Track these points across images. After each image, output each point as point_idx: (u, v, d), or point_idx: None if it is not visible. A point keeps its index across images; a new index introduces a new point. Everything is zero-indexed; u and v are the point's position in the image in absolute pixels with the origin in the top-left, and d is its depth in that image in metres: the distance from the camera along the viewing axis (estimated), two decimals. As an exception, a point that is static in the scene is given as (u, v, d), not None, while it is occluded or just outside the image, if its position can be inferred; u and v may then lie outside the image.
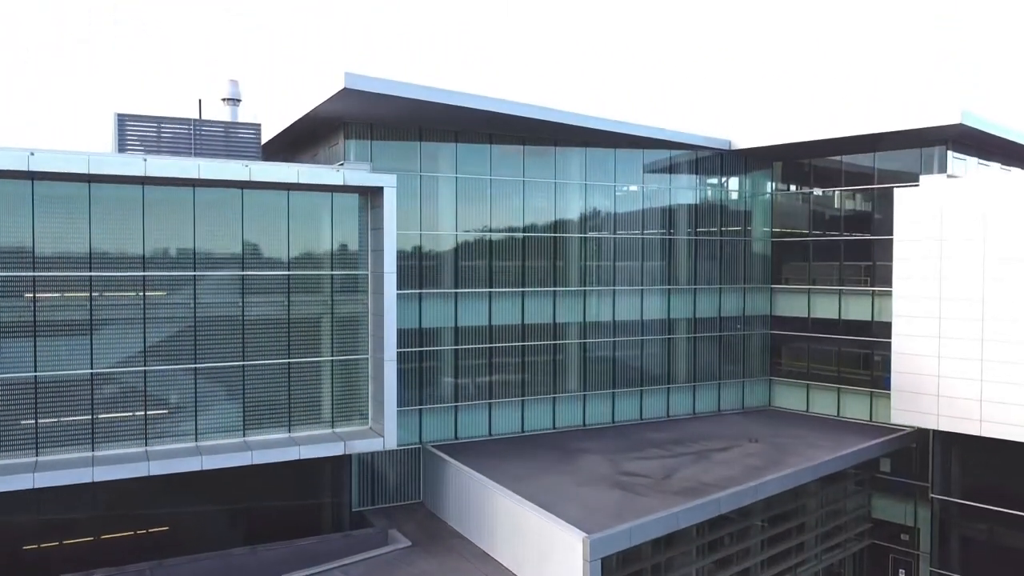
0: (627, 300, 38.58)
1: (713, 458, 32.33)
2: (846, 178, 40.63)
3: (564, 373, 37.01)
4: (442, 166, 33.67)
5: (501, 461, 31.17)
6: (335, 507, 30.02)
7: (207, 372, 26.40)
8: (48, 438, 24.26)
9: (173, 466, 25.00)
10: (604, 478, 29.34)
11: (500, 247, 35.06)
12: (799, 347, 42.30)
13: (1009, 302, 30.94)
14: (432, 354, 33.70)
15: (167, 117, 29.97)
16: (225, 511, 28.49)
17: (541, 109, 32.14)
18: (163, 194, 25.38)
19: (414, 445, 33.12)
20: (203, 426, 26.50)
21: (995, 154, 39.68)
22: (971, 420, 32.09)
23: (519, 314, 35.45)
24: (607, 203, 38.03)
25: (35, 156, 23.01)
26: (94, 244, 24.42)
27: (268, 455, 26.43)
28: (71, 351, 24.42)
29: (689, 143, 39.43)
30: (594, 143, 36.90)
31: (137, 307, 25.32)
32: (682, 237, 40.35)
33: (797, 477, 30.52)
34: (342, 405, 28.79)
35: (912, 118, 34.09)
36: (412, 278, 32.80)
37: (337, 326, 28.58)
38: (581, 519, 24.18)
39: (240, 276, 26.69)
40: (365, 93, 27.04)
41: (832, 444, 34.73)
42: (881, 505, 38.10)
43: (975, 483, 33.74)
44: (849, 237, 40.19)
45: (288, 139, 35.59)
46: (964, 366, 32.18)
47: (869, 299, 38.98)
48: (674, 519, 25.15)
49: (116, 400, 25.24)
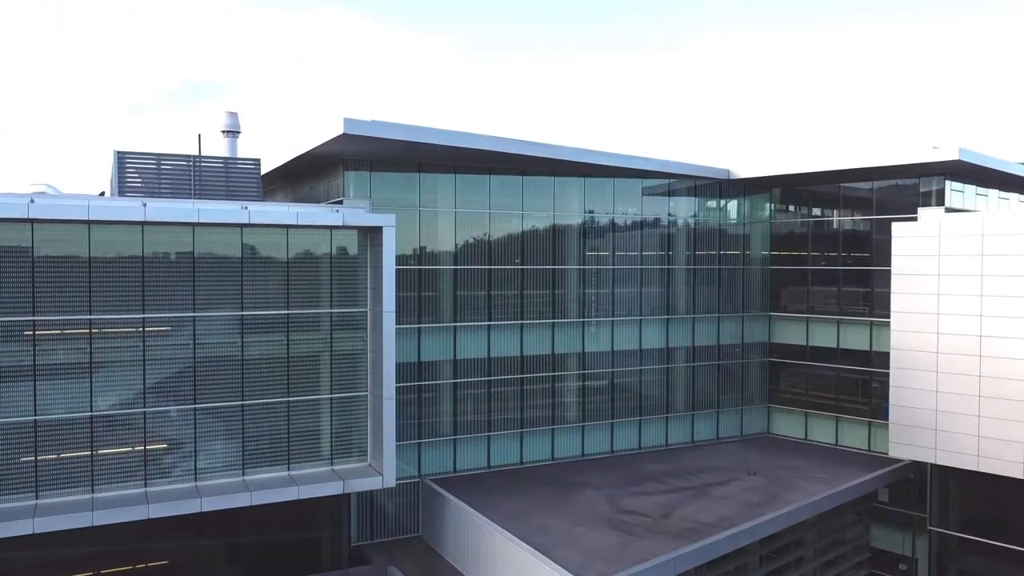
0: (626, 330, 38.65)
1: (712, 493, 32.36)
2: (844, 203, 40.72)
3: (563, 404, 37.07)
4: (441, 199, 33.75)
5: (500, 497, 31.20)
6: (334, 541, 30.07)
7: (206, 412, 26.47)
8: (48, 480, 24.32)
9: (172, 508, 25.06)
10: (602, 517, 29.37)
11: (499, 279, 35.12)
12: (798, 375, 42.35)
13: (1006, 338, 31.00)
14: (431, 387, 33.76)
15: (167, 154, 29.99)
16: (223, 545, 28.51)
17: (539, 146, 32.24)
18: (163, 235, 25.45)
19: (413, 478, 33.17)
20: (202, 465, 26.57)
21: (992, 183, 39.75)
22: (968, 455, 32.16)
23: (518, 346, 35.51)
24: (606, 233, 38.10)
25: (35, 203, 23.12)
26: (94, 286, 24.48)
27: (267, 496, 26.47)
28: (71, 393, 24.49)
29: (688, 174, 39.50)
30: (593, 173, 36.97)
31: (136, 348, 25.39)
32: (681, 266, 40.42)
33: (795, 515, 30.58)
34: (341, 442, 28.84)
35: (910, 153, 34.17)
36: (411, 311, 32.86)
37: (336, 363, 28.63)
38: (578, 565, 24.23)
39: (239, 316, 26.75)
40: (364, 136, 27.11)
41: (830, 476, 34.78)
42: (879, 534, 38.14)
43: (972, 516, 33.80)
44: (847, 267, 40.22)
45: (288, 172, 35.69)
46: (962, 401, 32.25)
47: (867, 328, 39.03)
48: (672, 565, 25.20)
49: (115, 441, 25.28)
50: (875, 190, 39.13)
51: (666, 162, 38.10)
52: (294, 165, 33.85)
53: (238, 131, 38.49)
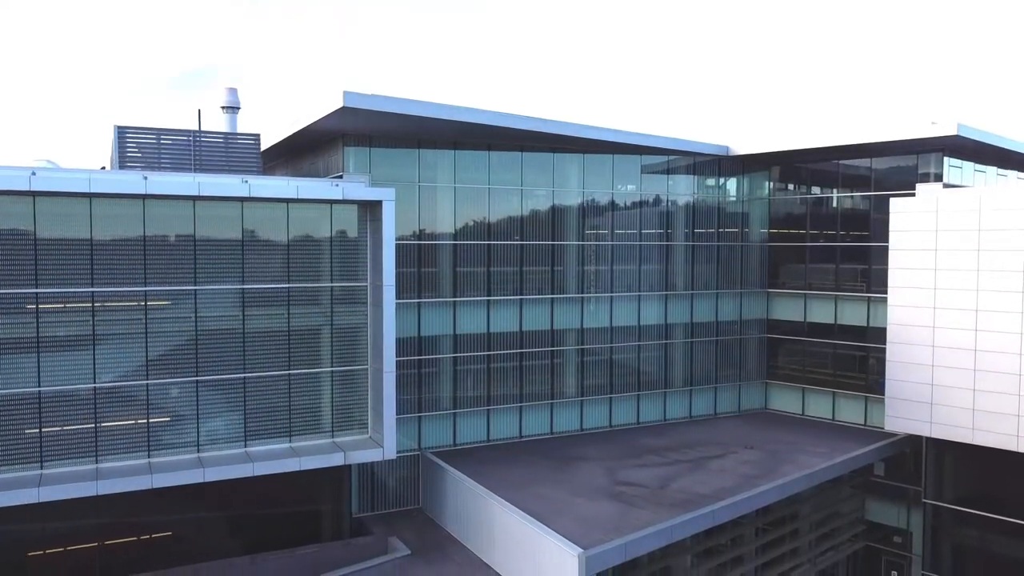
0: (625, 306, 38.88)
1: (709, 466, 32.72)
2: (843, 180, 40.81)
3: (562, 379, 37.36)
4: (441, 174, 33.85)
5: (499, 469, 31.56)
6: (335, 514, 30.42)
7: (208, 384, 26.74)
8: (52, 451, 24.63)
9: (176, 479, 25.38)
10: (600, 488, 29.73)
11: (498, 255, 35.29)
12: (795, 351, 42.64)
13: (1002, 313, 31.23)
14: (431, 362, 34.03)
15: (167, 129, 30.08)
16: (227, 517, 28.85)
17: (540, 121, 32.30)
18: (163, 209, 25.60)
19: (413, 451, 33.53)
20: (205, 437, 26.87)
21: (991, 160, 39.82)
22: (964, 428, 32.49)
23: (517, 321, 35.75)
24: (605, 209, 38.25)
25: (36, 176, 23.25)
26: (96, 260, 24.66)
27: (269, 466, 26.81)
28: (74, 366, 24.74)
29: (687, 150, 39.57)
30: (592, 149, 37.05)
31: (139, 321, 25.61)
32: (679, 242, 40.58)
33: (791, 487, 30.95)
34: (342, 415, 29.15)
35: (909, 128, 34.23)
36: (411, 286, 33.08)
37: (337, 337, 28.88)
38: (577, 533, 24.58)
39: (240, 290, 26.96)
40: (363, 110, 27.18)
41: (827, 450, 35.13)
42: (875, 508, 38.56)
43: (967, 489, 34.18)
44: (845, 244, 40.39)
45: (288, 147, 35.75)
46: (957, 375, 32.54)
47: (865, 304, 39.25)
48: (668, 533, 25.58)
49: (119, 413, 25.57)
50: (873, 167, 39.21)
51: (665, 138, 38.13)
52: (294, 141, 33.92)
53: (238, 107, 38.47)
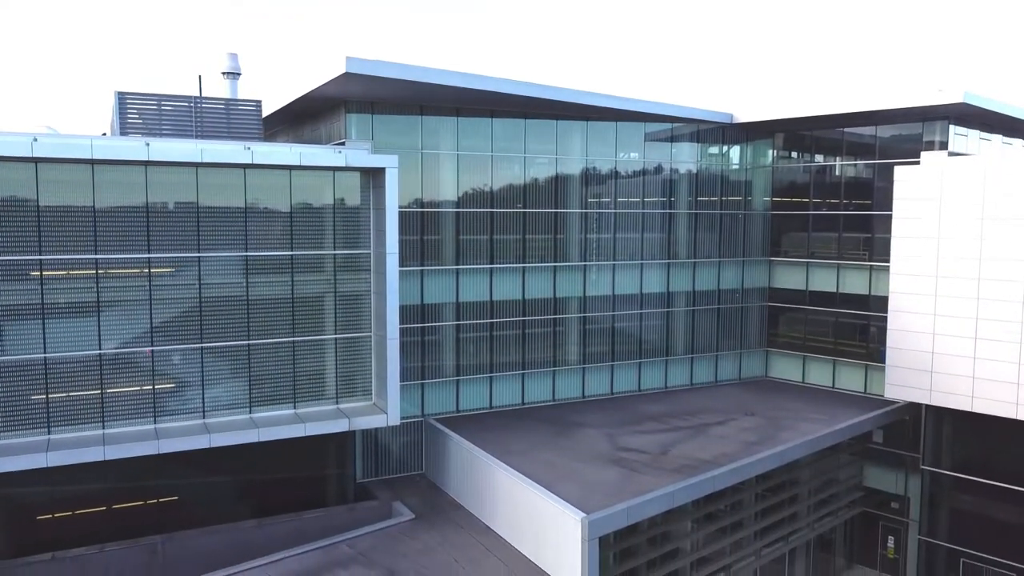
0: (627, 274, 38.94)
1: (709, 433, 33.02)
2: (847, 148, 40.60)
3: (564, 346, 37.54)
4: (443, 141, 33.69)
5: (501, 435, 31.86)
6: (340, 479, 30.78)
7: (213, 351, 26.88)
8: (59, 417, 24.86)
9: (182, 444, 25.63)
10: (602, 454, 30.04)
11: (501, 222, 35.26)
12: (796, 319, 42.78)
13: (1004, 282, 31.29)
14: (434, 329, 34.17)
15: (168, 95, 29.83)
16: (233, 482, 29.17)
17: (543, 87, 32.04)
18: (166, 175, 25.53)
19: (416, 418, 33.80)
20: (210, 403, 27.10)
21: (996, 128, 39.61)
22: (963, 396, 32.74)
23: (520, 289, 35.82)
24: (608, 177, 38.12)
25: (38, 142, 23.14)
26: (99, 227, 24.66)
27: (275, 432, 27.06)
28: (79, 332, 24.85)
29: (691, 117, 39.33)
30: (596, 117, 36.83)
31: (143, 288, 25.68)
32: (682, 211, 40.51)
33: (791, 453, 31.27)
34: (346, 382, 29.35)
35: (914, 96, 34.00)
36: (414, 254, 33.11)
37: (340, 304, 28.97)
38: (580, 498, 24.89)
39: (244, 257, 26.98)
40: (366, 76, 26.97)
41: (826, 417, 35.42)
42: (873, 474, 38.99)
43: (964, 456, 34.53)
44: (848, 213, 40.32)
45: (290, 114, 35.53)
46: (958, 343, 32.70)
47: (867, 273, 39.31)
48: (670, 498, 25.89)
49: (125, 379, 25.76)
50: (878, 135, 39.00)
51: (669, 105, 37.89)
52: (295, 108, 33.69)
53: (239, 72, 38.14)
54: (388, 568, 25.01)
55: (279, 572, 24.68)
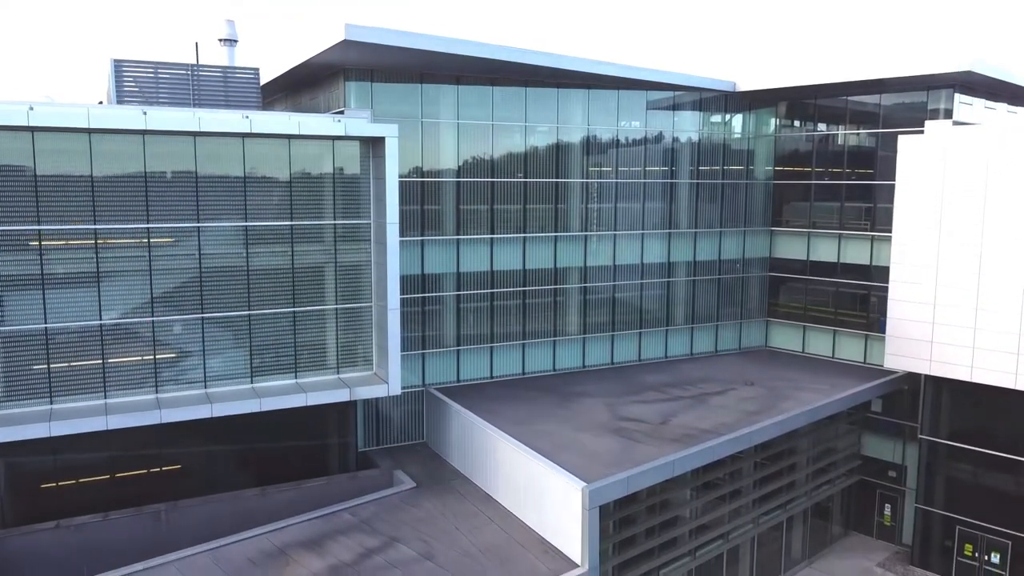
0: (628, 244, 38.83)
1: (709, 402, 33.17)
2: (851, 117, 40.26)
3: (564, 316, 37.56)
4: (443, 110, 33.36)
5: (502, 404, 31.98)
6: (341, 447, 30.98)
7: (214, 321, 26.88)
8: (61, 387, 24.92)
9: (184, 414, 25.74)
10: (602, 424, 30.19)
11: (501, 192, 35.07)
12: (797, 289, 42.76)
13: (1006, 252, 31.21)
14: (434, 299, 34.15)
15: (164, 62, 29.46)
16: (236, 451, 29.37)
17: (544, 55, 31.67)
18: (164, 145, 25.32)
19: (417, 387, 33.92)
20: (212, 373, 27.15)
21: (1002, 96, 39.24)
22: (962, 366, 32.81)
23: (520, 259, 35.74)
24: (609, 147, 37.83)
25: (34, 111, 22.90)
26: (97, 196, 24.51)
27: (276, 402, 27.18)
28: (80, 302, 24.81)
29: (693, 85, 38.92)
30: (597, 85, 36.45)
31: (143, 258, 25.59)
32: (684, 180, 40.27)
33: (790, 423, 31.43)
34: (347, 352, 29.40)
35: (920, 64, 33.62)
36: (414, 224, 32.96)
37: (341, 274, 28.91)
38: (580, 467, 25.06)
39: (244, 227, 26.86)
40: (365, 43, 26.62)
41: (826, 387, 35.57)
42: (871, 443, 39.25)
43: (962, 425, 34.71)
44: (850, 182, 40.10)
45: (288, 82, 35.13)
46: (958, 314, 32.69)
47: (868, 243, 39.21)
48: (670, 467, 26.07)
49: (126, 349, 25.78)
50: (882, 104, 38.64)
51: (671, 73, 37.46)
52: (294, 76, 33.31)
53: (236, 40, 37.66)
54: (390, 536, 25.26)
55: (281, 540, 24.91)
